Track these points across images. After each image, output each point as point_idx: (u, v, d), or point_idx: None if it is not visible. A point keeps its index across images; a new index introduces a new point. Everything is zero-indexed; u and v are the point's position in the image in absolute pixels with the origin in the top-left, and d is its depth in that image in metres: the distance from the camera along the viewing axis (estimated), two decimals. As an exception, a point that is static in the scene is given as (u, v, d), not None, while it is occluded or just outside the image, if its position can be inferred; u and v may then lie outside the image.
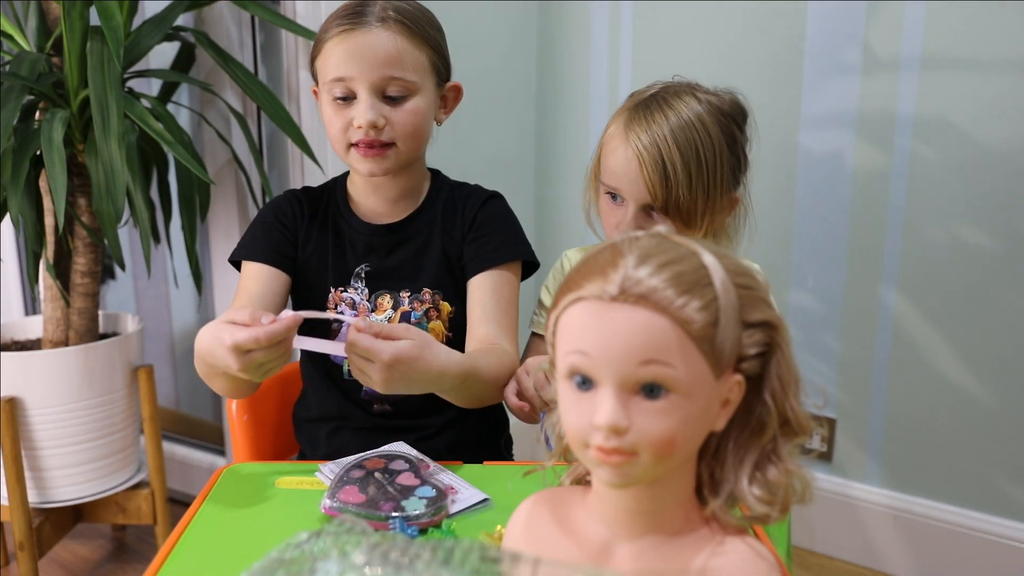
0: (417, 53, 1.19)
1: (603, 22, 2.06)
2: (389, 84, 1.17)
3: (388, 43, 1.16)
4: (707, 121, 1.16)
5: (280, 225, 1.27)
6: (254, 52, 1.92)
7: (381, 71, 1.16)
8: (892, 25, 1.72)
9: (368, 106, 1.16)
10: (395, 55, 1.16)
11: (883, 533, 1.89)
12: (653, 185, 1.15)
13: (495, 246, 1.25)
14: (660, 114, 1.16)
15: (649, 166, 1.14)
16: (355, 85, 1.17)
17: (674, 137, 1.14)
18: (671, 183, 1.15)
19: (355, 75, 1.16)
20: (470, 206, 1.28)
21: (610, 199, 1.22)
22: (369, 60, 1.15)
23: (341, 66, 1.17)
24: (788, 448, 0.66)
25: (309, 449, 1.32)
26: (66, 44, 1.60)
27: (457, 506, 0.94)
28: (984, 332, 1.73)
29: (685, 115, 1.16)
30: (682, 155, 1.15)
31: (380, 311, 1.25)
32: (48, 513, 1.81)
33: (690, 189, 1.16)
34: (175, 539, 0.89)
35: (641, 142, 1.15)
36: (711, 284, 0.61)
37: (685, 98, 1.18)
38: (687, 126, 1.15)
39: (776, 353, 0.65)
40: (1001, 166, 1.67)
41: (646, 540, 0.66)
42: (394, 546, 0.56)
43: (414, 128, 1.19)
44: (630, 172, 1.17)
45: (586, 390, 0.62)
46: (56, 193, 1.47)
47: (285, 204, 1.29)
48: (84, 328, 1.80)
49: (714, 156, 1.17)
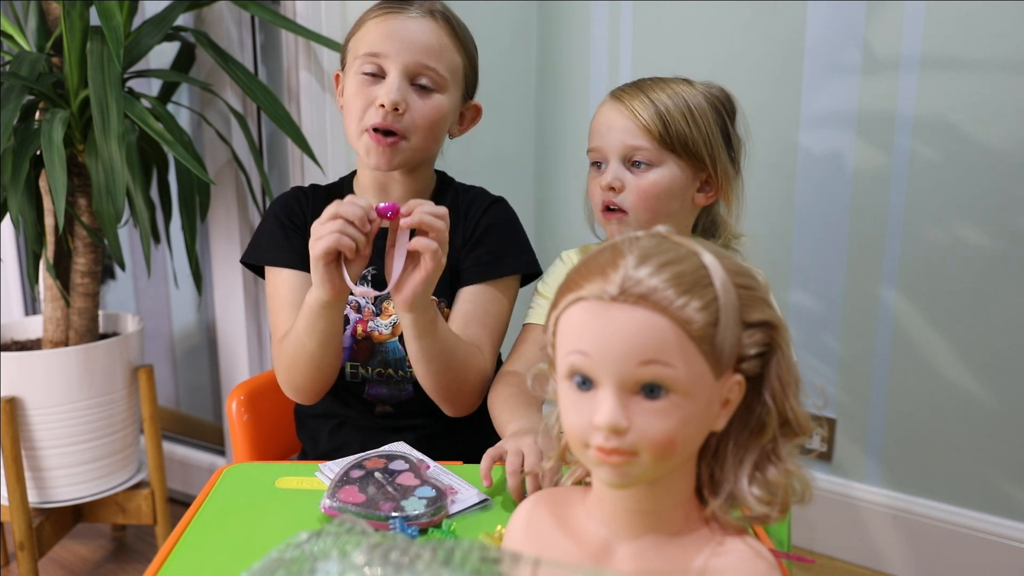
0: (455, 54, 1.20)
1: (603, 21, 2.06)
2: (422, 72, 1.17)
3: (431, 32, 1.17)
4: (702, 101, 1.17)
5: (291, 223, 1.26)
6: (254, 52, 1.92)
7: (417, 56, 1.16)
8: (892, 25, 1.72)
9: (396, 86, 1.15)
10: (435, 45, 1.17)
11: (883, 533, 1.89)
12: (646, 121, 1.13)
13: (492, 258, 1.24)
14: (653, 87, 1.17)
15: (639, 108, 1.14)
16: (388, 64, 1.16)
17: (667, 98, 1.15)
18: (668, 119, 1.14)
19: (391, 53, 1.15)
20: (473, 212, 1.28)
21: (595, 171, 1.20)
22: (408, 42, 1.15)
23: (378, 43, 1.16)
24: (788, 448, 0.66)
25: (310, 446, 1.33)
26: (66, 44, 1.59)
27: (457, 506, 0.94)
28: (984, 332, 1.73)
29: (680, 91, 1.16)
30: (671, 100, 1.15)
31: (385, 316, 1.25)
32: (48, 513, 1.81)
33: (688, 127, 1.15)
34: (175, 539, 0.89)
35: (630, 96, 1.15)
36: (711, 284, 0.61)
37: (678, 83, 1.18)
38: (678, 94, 1.16)
39: (776, 353, 0.65)
40: (1001, 166, 1.66)
41: (646, 540, 0.66)
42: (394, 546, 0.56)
43: (432, 123, 1.18)
44: (614, 122, 1.16)
45: (586, 390, 0.62)
46: (56, 193, 1.47)
47: (293, 202, 1.29)
48: (84, 328, 1.80)
49: (707, 118, 1.17)
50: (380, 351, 1.26)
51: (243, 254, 1.30)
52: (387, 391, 1.27)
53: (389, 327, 1.25)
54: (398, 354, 1.25)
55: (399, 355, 1.25)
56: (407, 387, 1.27)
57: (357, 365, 1.26)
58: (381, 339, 1.25)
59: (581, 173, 1.24)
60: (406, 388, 1.27)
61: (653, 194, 1.16)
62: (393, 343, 1.25)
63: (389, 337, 1.25)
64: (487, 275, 1.23)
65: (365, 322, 1.25)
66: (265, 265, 1.26)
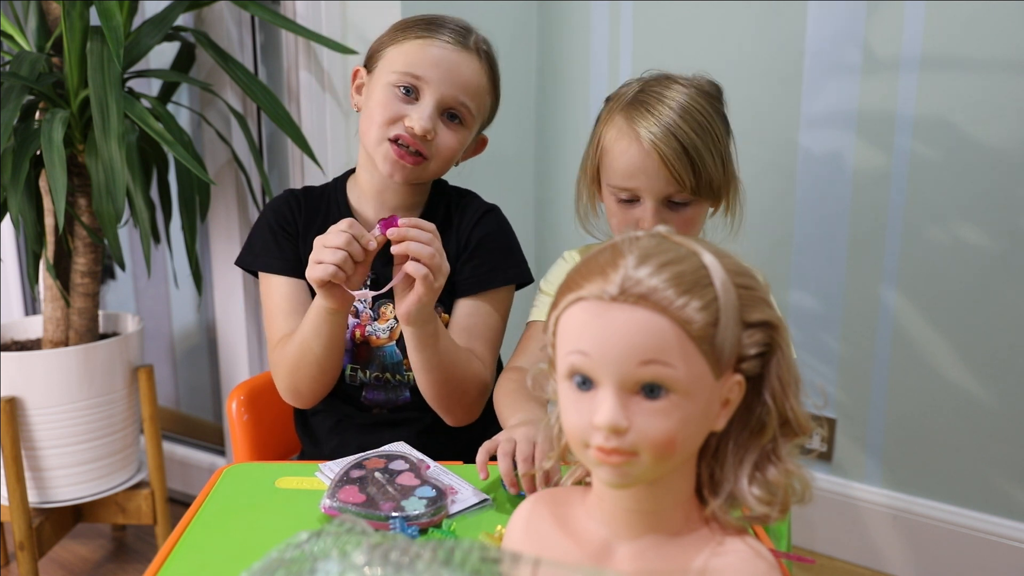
0: (488, 96, 1.24)
1: (603, 22, 2.06)
2: (456, 107, 1.20)
3: (474, 71, 1.20)
4: (701, 101, 1.16)
5: (283, 231, 1.27)
6: (254, 52, 1.91)
7: (456, 91, 1.18)
8: (892, 25, 1.71)
9: (429, 114, 1.17)
10: (475, 85, 1.20)
11: (883, 533, 1.89)
12: (680, 173, 1.13)
13: (488, 269, 1.26)
14: (659, 104, 1.15)
15: (671, 157, 1.12)
16: (426, 88, 1.18)
17: (684, 120, 1.13)
18: (698, 166, 1.13)
19: (431, 80, 1.17)
20: (466, 222, 1.29)
21: (621, 202, 1.18)
22: (451, 74, 1.18)
23: (421, 65, 1.18)
24: (788, 448, 0.66)
25: (309, 444, 1.33)
26: (66, 44, 1.59)
27: (457, 506, 0.95)
28: (984, 332, 1.73)
29: (681, 100, 1.15)
30: (698, 135, 1.13)
31: (383, 320, 1.26)
32: (48, 513, 1.81)
33: (715, 165, 1.15)
34: (175, 539, 0.89)
35: (654, 135, 1.13)
36: (711, 284, 0.61)
37: (672, 87, 1.17)
38: (690, 108, 1.14)
39: (776, 353, 0.65)
40: (1001, 166, 1.66)
41: (646, 540, 0.66)
42: (394, 546, 0.56)
43: (452, 153, 1.22)
44: (648, 167, 1.14)
45: (586, 390, 0.62)
46: (56, 193, 1.47)
47: (284, 207, 1.29)
48: (84, 328, 1.79)
49: (720, 130, 1.17)
50: (378, 355, 1.27)
51: (238, 257, 1.31)
52: (384, 396, 1.28)
53: (387, 331, 1.26)
54: (395, 358, 1.26)
55: (396, 359, 1.26)
56: (404, 392, 1.28)
57: (356, 368, 1.27)
58: (379, 343, 1.26)
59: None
60: (403, 393, 1.28)
61: (697, 223, 1.19)
62: (391, 347, 1.26)
63: (387, 341, 1.26)
64: (483, 286, 1.25)
65: (363, 326, 1.26)
66: (258, 271, 1.28)
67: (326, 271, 1.04)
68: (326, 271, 1.04)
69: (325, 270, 1.04)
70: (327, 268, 1.04)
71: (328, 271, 1.04)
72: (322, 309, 1.12)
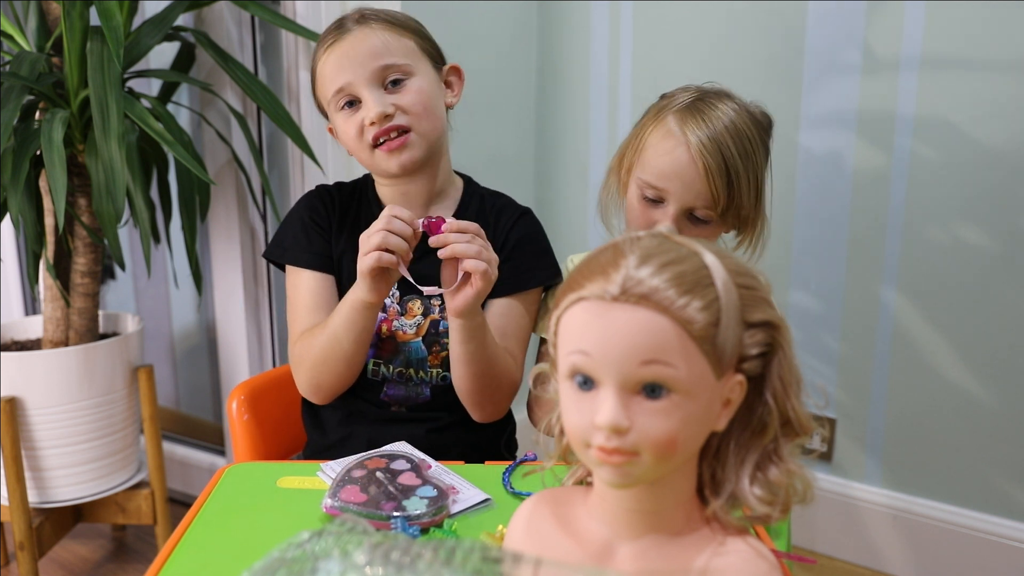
0: (402, 39, 1.22)
1: (603, 21, 2.06)
2: (384, 73, 1.20)
3: (370, 37, 1.20)
4: (752, 129, 1.16)
5: (316, 225, 1.29)
6: (254, 52, 1.91)
7: (372, 64, 1.19)
8: (892, 25, 1.71)
9: (373, 100, 1.19)
10: (380, 46, 1.20)
11: (883, 533, 1.89)
12: (717, 189, 1.13)
13: (526, 269, 1.28)
14: (713, 115, 1.15)
15: (714, 172, 1.12)
16: (355, 88, 1.20)
17: (732, 141, 1.13)
18: (734, 188, 1.13)
19: (351, 78, 1.20)
20: (503, 223, 1.30)
21: (646, 200, 1.19)
22: (358, 58, 1.19)
23: (336, 76, 1.20)
24: (789, 448, 0.67)
25: (316, 435, 1.33)
26: (66, 44, 1.59)
27: (458, 506, 0.94)
28: (984, 332, 1.73)
29: (734, 120, 1.15)
30: (741, 159, 1.14)
31: (410, 316, 1.27)
32: (48, 513, 1.81)
33: (748, 194, 1.15)
34: (177, 539, 0.89)
35: (704, 147, 1.12)
36: (712, 284, 0.61)
37: (727, 103, 1.17)
38: (741, 130, 1.14)
39: (778, 353, 0.65)
40: (1001, 166, 1.66)
41: (647, 540, 0.66)
42: (395, 546, 0.56)
43: (423, 107, 1.21)
44: (686, 175, 1.14)
45: (587, 390, 0.62)
46: (56, 193, 1.47)
47: (318, 202, 1.32)
48: (84, 328, 1.79)
49: (762, 161, 1.17)
50: (403, 350, 1.27)
51: (266, 249, 1.33)
52: (404, 392, 1.28)
53: (413, 327, 1.27)
54: (420, 354, 1.27)
55: (421, 355, 1.27)
56: (424, 390, 1.28)
57: (379, 363, 1.28)
58: (405, 339, 1.27)
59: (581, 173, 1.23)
60: (423, 392, 1.28)
61: None
62: (416, 343, 1.27)
63: (413, 337, 1.27)
64: (519, 287, 1.27)
65: (390, 321, 1.27)
66: (287, 264, 1.30)
67: (375, 258, 1.06)
68: (375, 258, 1.06)
69: (373, 258, 1.06)
70: (375, 256, 1.06)
71: (377, 258, 1.06)
72: (357, 302, 1.14)
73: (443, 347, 1.26)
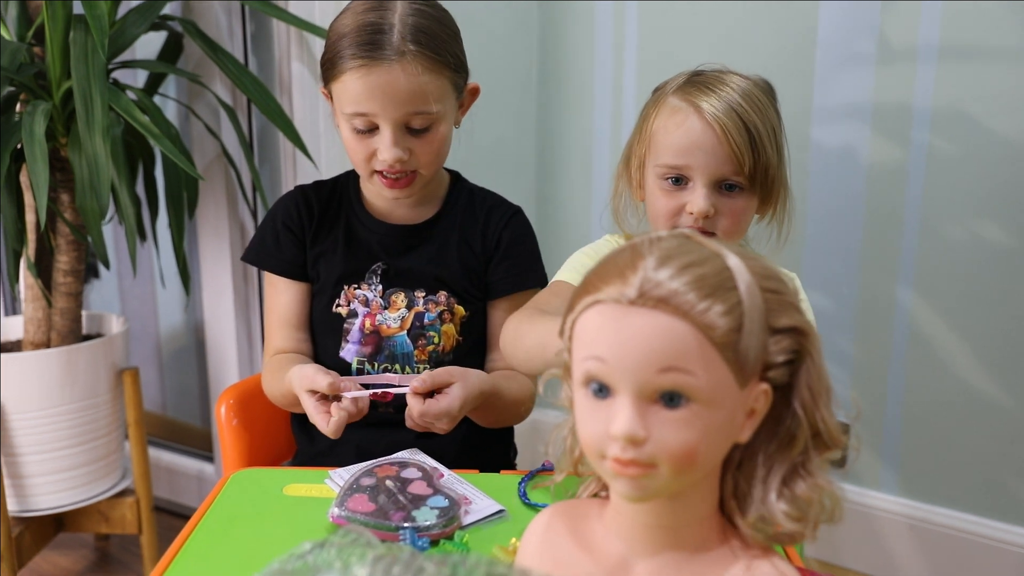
0: (439, 81, 1.18)
1: (607, 15, 2.06)
2: (412, 119, 1.18)
3: (410, 80, 1.16)
4: (759, 92, 1.15)
5: (288, 232, 1.30)
6: (244, 42, 1.91)
7: (404, 108, 1.17)
8: (909, 14, 1.70)
9: (392, 142, 1.17)
10: (418, 91, 1.16)
11: (899, 543, 1.88)
12: (740, 150, 1.10)
13: (522, 270, 1.31)
14: (719, 85, 1.14)
15: (733, 132, 1.10)
16: (379, 120, 1.18)
17: (741, 99, 1.12)
18: (758, 147, 1.11)
19: (377, 112, 1.17)
20: (494, 222, 1.31)
21: (667, 184, 1.15)
22: (391, 98, 1.16)
23: (362, 102, 1.17)
24: (818, 462, 0.66)
25: (305, 441, 1.33)
26: (48, 34, 1.58)
27: (471, 517, 0.94)
28: (1005, 334, 1.71)
29: (738, 82, 1.14)
30: (759, 118, 1.12)
31: (393, 309, 1.27)
32: (28, 522, 1.79)
33: (772, 153, 1.14)
34: (178, 546, 0.90)
35: (716, 109, 1.11)
36: (735, 287, 0.60)
37: (729, 75, 1.16)
38: (750, 94, 1.13)
39: (806, 361, 0.64)
40: (1022, 160, 1.65)
41: (666, 557, 0.65)
42: (398, 559, 0.57)
43: (438, 155, 1.23)
44: (706, 143, 1.11)
45: (603, 398, 0.61)
46: (38, 188, 1.46)
47: (292, 206, 1.31)
48: (67, 329, 1.78)
49: (776, 123, 1.16)
50: (388, 345, 1.27)
51: (244, 252, 1.35)
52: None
53: (397, 321, 1.27)
54: (406, 349, 1.27)
55: (407, 350, 1.27)
56: None
57: (364, 360, 1.27)
58: (389, 333, 1.27)
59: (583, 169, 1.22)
60: None
61: (746, 218, 1.17)
62: (401, 337, 1.27)
63: (397, 331, 1.27)
64: (518, 287, 1.30)
65: (373, 315, 1.27)
66: (261, 269, 1.33)
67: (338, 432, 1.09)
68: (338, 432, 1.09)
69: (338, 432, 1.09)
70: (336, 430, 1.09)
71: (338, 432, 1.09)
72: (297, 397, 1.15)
73: (429, 341, 1.26)
